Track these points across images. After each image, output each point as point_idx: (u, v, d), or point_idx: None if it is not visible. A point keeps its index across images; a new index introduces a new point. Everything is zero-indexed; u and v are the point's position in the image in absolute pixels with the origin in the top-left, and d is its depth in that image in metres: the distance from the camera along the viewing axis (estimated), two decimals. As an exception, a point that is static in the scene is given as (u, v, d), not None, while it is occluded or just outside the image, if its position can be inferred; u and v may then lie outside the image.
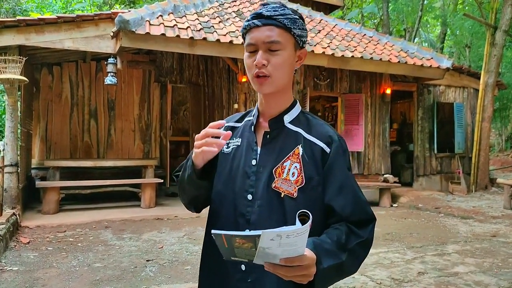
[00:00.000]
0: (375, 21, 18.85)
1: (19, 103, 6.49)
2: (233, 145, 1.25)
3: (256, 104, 1.26)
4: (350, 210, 1.13)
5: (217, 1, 7.87)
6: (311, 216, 0.93)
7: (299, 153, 1.16)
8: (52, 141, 8.17)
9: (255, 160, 1.19)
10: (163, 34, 5.85)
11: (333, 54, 7.04)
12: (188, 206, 1.32)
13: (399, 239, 5.41)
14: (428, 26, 22.64)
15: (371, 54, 7.46)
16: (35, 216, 6.38)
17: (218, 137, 1.09)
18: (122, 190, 7.28)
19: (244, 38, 1.17)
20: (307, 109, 7.53)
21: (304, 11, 8.98)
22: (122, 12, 5.85)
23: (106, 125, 8.57)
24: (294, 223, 1.12)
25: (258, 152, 1.20)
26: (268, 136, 1.20)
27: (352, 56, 7.21)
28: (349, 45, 7.64)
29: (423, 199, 8.38)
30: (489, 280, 3.82)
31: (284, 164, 1.15)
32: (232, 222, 1.18)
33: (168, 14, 6.54)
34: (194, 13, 6.99)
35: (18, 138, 6.22)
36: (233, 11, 7.67)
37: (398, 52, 8.06)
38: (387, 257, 4.53)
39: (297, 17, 1.14)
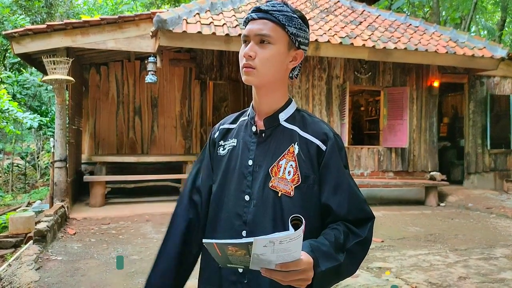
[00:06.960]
0: (428, 10, 17.87)
1: (67, 101, 6.87)
2: (229, 146, 1.25)
3: (251, 103, 1.25)
4: (347, 209, 1.11)
5: (255, -4, 7.84)
6: (304, 221, 0.93)
7: (294, 151, 1.15)
8: (100, 137, 8.61)
9: (251, 160, 1.18)
10: (199, 32, 5.93)
11: (374, 46, 6.76)
12: None
13: (443, 240, 5.12)
14: (487, 13, 21.11)
15: (416, 45, 7.07)
16: (83, 208, 6.76)
17: None
18: (163, 185, 7.51)
19: None
20: (347, 104, 7.31)
21: (346, 2, 8.71)
22: (160, 12, 6.00)
23: (149, 122, 8.87)
24: (291, 222, 1.13)
25: (254, 151, 1.19)
26: (263, 134, 1.20)
27: (395, 48, 6.88)
28: (392, 36, 7.30)
29: (474, 198, 7.86)
30: (540, 288, 3.52)
31: (280, 163, 1.15)
32: (230, 224, 1.18)
33: (205, 12, 6.61)
34: (231, 9, 7.00)
35: (67, 135, 6.60)
36: (271, 6, 7.58)
37: (447, 42, 7.58)
38: (427, 259, 4.30)
39: (296, 16, 1.13)
